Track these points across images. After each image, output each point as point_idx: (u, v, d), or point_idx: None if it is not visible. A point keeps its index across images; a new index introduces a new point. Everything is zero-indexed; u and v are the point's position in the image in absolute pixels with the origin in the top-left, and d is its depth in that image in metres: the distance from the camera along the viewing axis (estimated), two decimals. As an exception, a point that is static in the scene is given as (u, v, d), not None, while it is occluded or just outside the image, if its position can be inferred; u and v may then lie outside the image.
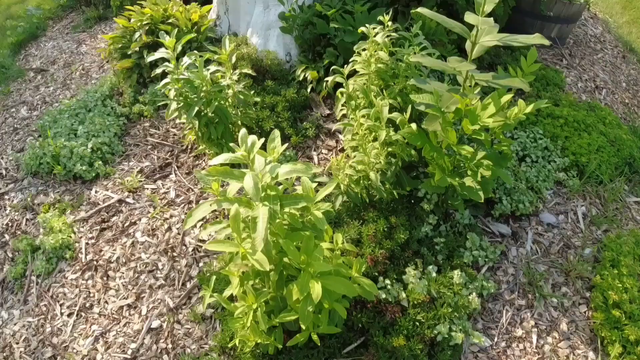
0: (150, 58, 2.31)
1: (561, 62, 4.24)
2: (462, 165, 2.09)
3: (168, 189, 2.66)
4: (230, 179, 1.37)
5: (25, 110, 3.87)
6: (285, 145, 1.46)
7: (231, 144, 1.39)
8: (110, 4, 4.27)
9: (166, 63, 2.37)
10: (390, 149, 2.06)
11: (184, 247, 2.38)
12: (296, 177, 2.49)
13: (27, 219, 2.87)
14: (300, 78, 2.77)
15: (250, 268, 1.56)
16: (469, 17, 1.63)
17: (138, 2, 3.30)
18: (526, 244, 2.44)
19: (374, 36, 2.06)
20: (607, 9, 6.04)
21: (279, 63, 2.86)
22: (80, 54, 4.30)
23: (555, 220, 2.58)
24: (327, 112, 2.79)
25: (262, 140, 1.38)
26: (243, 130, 1.36)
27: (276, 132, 1.49)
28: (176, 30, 2.33)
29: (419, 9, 1.80)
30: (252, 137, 1.37)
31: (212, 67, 2.42)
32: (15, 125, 3.71)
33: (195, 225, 2.44)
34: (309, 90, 2.79)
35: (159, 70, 2.34)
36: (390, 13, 2.87)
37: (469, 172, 1.99)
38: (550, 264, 2.37)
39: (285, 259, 1.57)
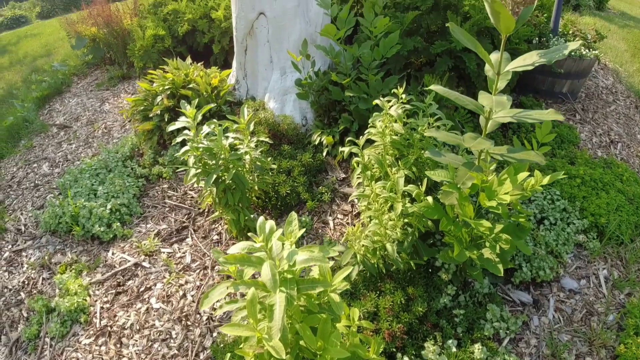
0: (171, 127, 2.38)
1: (574, 117, 4.26)
2: (480, 236, 2.07)
3: (184, 253, 2.67)
4: (248, 266, 1.37)
5: (47, 166, 3.98)
6: (302, 231, 1.46)
7: (249, 234, 1.40)
8: (134, 65, 4.47)
9: (186, 131, 2.44)
10: (406, 220, 2.05)
11: (198, 316, 2.35)
12: (311, 245, 2.49)
13: (43, 278, 2.89)
14: (316, 142, 2.82)
15: (265, 351, 1.54)
16: (482, 98, 1.66)
17: (160, 66, 3.45)
18: (548, 312, 2.37)
19: (389, 109, 2.11)
20: (616, 58, 6.11)
21: (295, 127, 2.92)
22: (103, 112, 4.46)
23: (577, 285, 2.50)
24: (343, 175, 2.81)
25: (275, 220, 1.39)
26: (261, 219, 1.37)
27: (293, 215, 1.51)
28: (197, 100, 2.41)
29: (432, 87, 1.84)
30: (270, 224, 1.38)
31: (231, 135, 2.49)
32: (37, 182, 3.81)
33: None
34: (324, 153, 2.83)
35: (179, 139, 2.41)
36: (404, 81, 2.95)
37: (487, 244, 1.97)
38: (573, 333, 2.29)
39: (302, 342, 1.54)
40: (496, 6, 1.45)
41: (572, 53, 4.19)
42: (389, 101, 2.16)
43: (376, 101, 2.13)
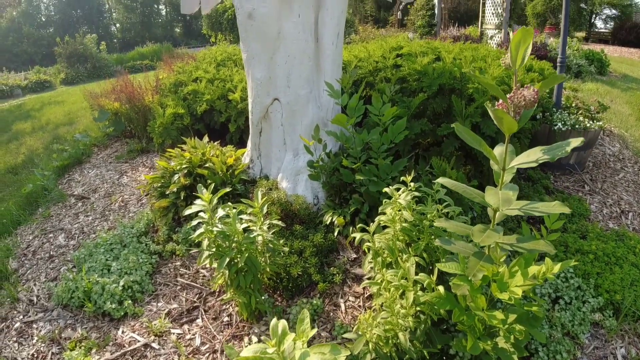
0: (187, 211, 2.46)
1: (583, 188, 4.29)
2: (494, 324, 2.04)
3: (194, 335, 2.65)
4: (261, 369, 1.38)
5: (63, 237, 4.06)
6: (315, 330, 1.48)
7: (262, 338, 1.42)
8: (153, 139, 4.67)
9: (201, 214, 2.51)
10: (418, 308, 2.05)
11: (206, 405, 2.30)
12: (322, 329, 2.47)
13: (52, 353, 2.86)
14: (328, 222, 2.88)
15: None
16: (489, 196, 1.72)
17: (179, 145, 3.61)
18: (567, 401, 2.27)
19: (398, 197, 2.17)
20: (621, 123, 6.22)
21: (307, 207, 2.99)
22: (121, 185, 4.61)
23: (596, 368, 2.42)
24: (354, 255, 2.84)
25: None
26: (274, 321, 1.40)
27: (305, 313, 1.52)
28: (212, 185, 2.51)
29: (440, 180, 1.92)
30: (282, 325, 1.40)
31: (245, 217, 2.56)
32: (52, 252, 3.86)
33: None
34: (335, 233, 2.88)
35: (194, 222, 2.48)
36: (412, 160, 3.05)
37: (502, 333, 1.94)
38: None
39: None
40: (498, 113, 1.55)
41: (577, 126, 4.30)
42: (398, 189, 2.23)
43: (386, 189, 2.21)
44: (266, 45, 2.96)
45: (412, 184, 2.24)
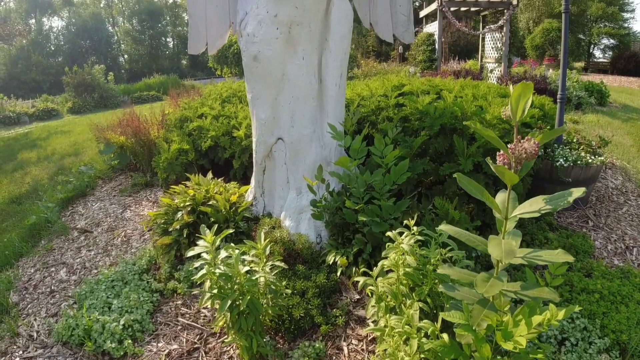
0: (190, 253, 2.46)
1: (587, 224, 4.26)
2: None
3: (194, 378, 2.60)
4: None
5: (65, 272, 4.04)
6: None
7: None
8: (157, 174, 4.71)
9: (204, 255, 2.51)
10: (422, 356, 2.02)
11: None
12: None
13: (51, 392, 2.82)
14: (330, 262, 2.87)
15: None
16: (492, 247, 1.72)
17: (182, 182, 3.64)
18: None
19: (401, 242, 2.17)
20: (623, 155, 6.23)
21: (310, 246, 2.99)
22: (124, 219, 4.62)
23: (604, 414, 2.36)
24: (357, 297, 2.82)
25: None
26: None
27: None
28: (215, 226, 2.51)
29: (443, 227, 1.92)
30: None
31: (247, 257, 2.55)
32: (53, 287, 3.84)
33: None
34: (338, 273, 2.86)
35: (197, 264, 2.48)
36: (415, 199, 3.06)
37: (508, 383, 1.91)
38: None
39: None
40: (500, 169, 1.57)
41: (579, 162, 4.31)
42: (401, 233, 2.23)
43: (389, 234, 2.21)
44: (271, 87, 3.03)
45: (415, 228, 2.24)
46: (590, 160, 4.34)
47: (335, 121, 3.18)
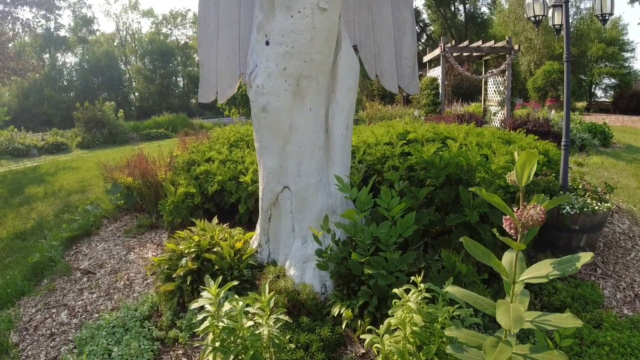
0: (193, 305, 2.44)
1: (595, 272, 4.20)
2: None
3: None
4: None
5: (66, 315, 3.98)
6: None
7: None
8: (163, 216, 4.73)
9: (207, 307, 2.48)
10: (430, 422, 1.95)
11: None
12: None
13: None
14: (335, 314, 2.82)
15: None
16: (500, 314, 1.70)
17: (187, 227, 3.65)
18: None
19: (407, 300, 2.14)
20: (629, 198, 6.18)
21: (314, 297, 2.96)
22: (128, 261, 4.60)
23: None
24: (362, 351, 2.75)
25: None
26: None
27: None
28: (220, 278, 2.50)
29: (450, 289, 1.90)
30: None
31: (251, 309, 2.52)
32: (53, 330, 3.78)
33: None
34: (343, 326, 2.81)
35: (200, 317, 2.45)
36: (421, 249, 3.04)
37: None
38: None
39: None
40: (507, 241, 1.58)
41: (585, 209, 4.29)
42: (407, 290, 2.21)
43: (395, 291, 2.19)
44: (278, 137, 3.08)
45: (422, 285, 2.22)
46: (596, 208, 4.33)
47: (341, 171, 3.22)
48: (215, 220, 3.81)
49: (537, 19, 5.15)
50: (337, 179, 2.78)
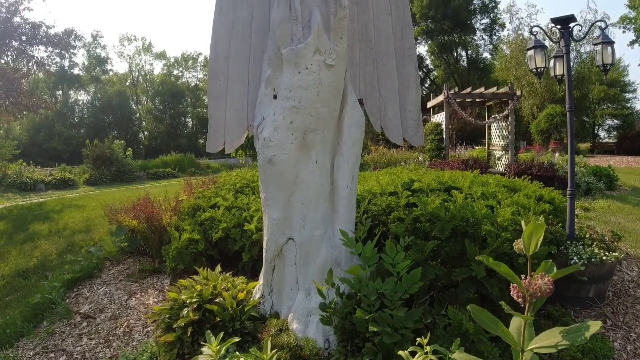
0: (194, 363, 2.38)
1: (605, 323, 4.10)
2: None
3: None
4: None
5: (64, 361, 3.90)
6: None
7: None
8: (166, 261, 4.70)
9: (208, 364, 2.42)
10: None
11: None
12: None
13: None
14: (339, 374, 2.74)
15: None
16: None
17: (190, 276, 3.62)
18: None
19: (414, 364, 2.09)
20: (637, 243, 6.09)
21: (318, 353, 2.88)
22: (129, 307, 4.54)
23: None
24: (366, 414, 2.65)
25: None
26: None
27: None
28: (221, 334, 2.45)
29: (456, 356, 1.85)
30: None
31: (252, 368, 2.45)
32: (50, 377, 3.69)
33: None
34: (346, 386, 2.72)
35: (200, 375, 2.38)
36: (427, 304, 2.98)
37: None
38: None
39: None
40: (515, 314, 1.56)
41: (593, 259, 4.23)
42: (413, 353, 2.15)
43: (401, 353, 2.13)
44: (284, 189, 3.11)
45: (428, 347, 2.16)
46: (604, 258, 4.27)
47: (346, 223, 3.22)
48: (218, 268, 3.78)
49: (538, 70, 5.27)
50: (341, 234, 2.77)
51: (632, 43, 22.93)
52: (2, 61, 14.10)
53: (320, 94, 2.98)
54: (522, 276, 1.70)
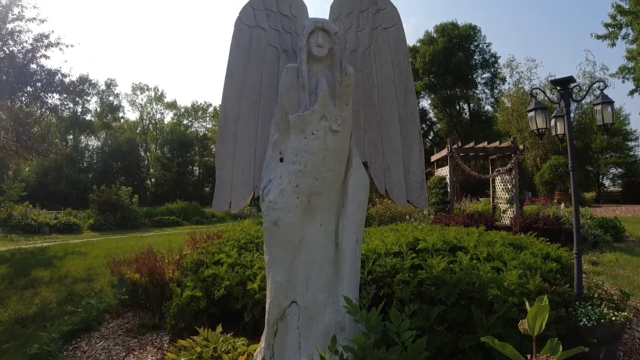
0: None
1: (618, 385, 3.93)
2: None
3: None
4: None
5: None
6: None
7: None
8: (166, 319, 4.62)
9: None
10: None
11: None
12: None
13: None
14: None
15: None
16: None
17: (190, 337, 3.55)
18: None
19: None
20: None
21: None
22: (126, 365, 4.42)
23: None
24: None
25: None
26: None
27: None
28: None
29: None
30: None
31: None
32: None
33: None
34: None
35: None
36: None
37: None
38: None
39: None
40: None
41: (602, 320, 4.14)
42: None
43: None
44: (288, 251, 3.11)
45: None
46: (614, 318, 4.19)
47: (350, 286, 3.19)
48: (219, 328, 3.72)
49: (540, 131, 5.37)
50: (345, 300, 2.74)
51: (632, 92, 23.47)
52: (16, 105, 14.48)
53: (326, 159, 3.05)
54: (529, 356, 1.67)
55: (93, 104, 48.72)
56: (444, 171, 12.56)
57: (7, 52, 13.63)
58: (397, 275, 3.54)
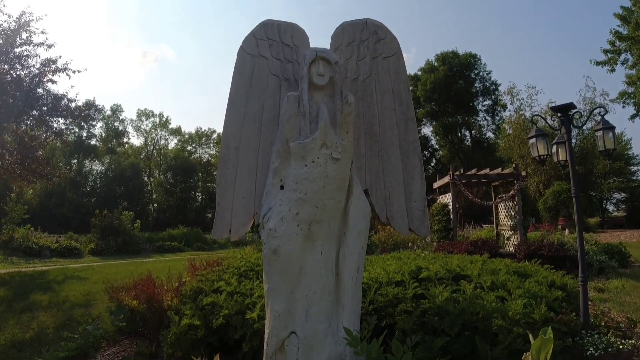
0: None
1: (626, 414, 3.78)
2: None
3: None
4: None
5: None
6: None
7: None
8: (163, 348, 4.52)
9: None
10: None
11: None
12: None
13: None
14: None
15: None
16: None
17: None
18: None
19: None
20: None
21: None
22: (121, 397, 4.31)
23: None
24: None
25: None
26: None
27: None
28: None
29: None
30: None
31: None
32: None
33: None
34: None
35: None
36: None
37: None
38: None
39: None
40: None
41: (609, 348, 4.07)
42: None
43: None
44: (288, 280, 3.07)
45: None
46: (621, 347, 4.10)
47: (351, 316, 3.13)
48: (217, 359, 3.62)
49: (541, 158, 5.37)
50: (345, 332, 2.68)
51: (632, 117, 23.53)
52: (22, 128, 14.58)
53: (327, 186, 3.04)
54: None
55: (98, 129, 49.30)
56: (447, 198, 12.52)
57: (14, 75, 13.80)
58: (399, 305, 3.48)
